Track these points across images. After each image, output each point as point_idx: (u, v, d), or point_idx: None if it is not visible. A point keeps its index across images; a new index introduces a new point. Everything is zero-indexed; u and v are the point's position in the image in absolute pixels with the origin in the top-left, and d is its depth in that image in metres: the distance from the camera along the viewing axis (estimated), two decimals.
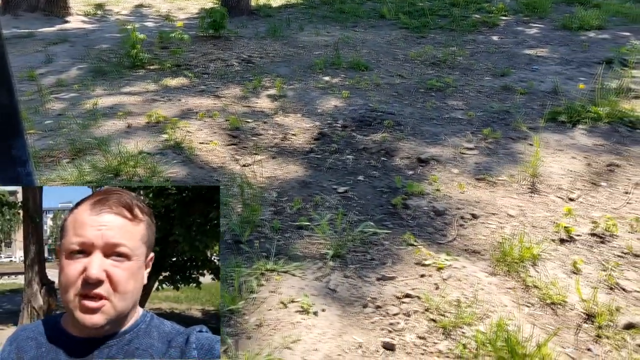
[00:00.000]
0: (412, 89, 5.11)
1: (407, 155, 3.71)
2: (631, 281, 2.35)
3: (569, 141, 3.95)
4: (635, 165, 3.54)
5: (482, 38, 7.11)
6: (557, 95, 4.88)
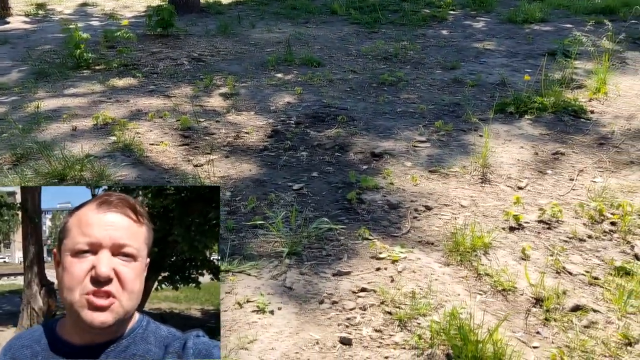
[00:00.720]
0: (364, 84, 5.14)
1: (361, 150, 3.72)
2: (577, 265, 2.43)
3: (517, 131, 4.06)
4: (579, 153, 3.68)
5: (432, 32, 7.22)
6: (504, 87, 5.01)
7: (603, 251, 2.53)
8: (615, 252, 2.52)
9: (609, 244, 2.59)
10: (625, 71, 5.30)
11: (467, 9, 8.40)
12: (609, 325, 2.04)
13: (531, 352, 1.92)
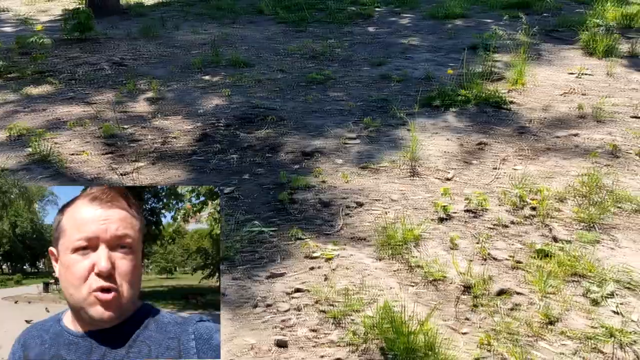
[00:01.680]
0: (293, 83, 5.13)
1: (292, 149, 3.71)
2: (501, 250, 2.53)
3: (443, 124, 4.18)
4: (502, 142, 3.83)
5: (359, 29, 7.31)
6: (430, 81, 5.13)
7: (525, 236, 2.64)
8: (535, 235, 2.64)
9: (530, 228, 2.71)
10: (541, 62, 5.57)
11: (392, 6, 8.56)
12: (531, 306, 2.13)
13: (461, 338, 1.97)
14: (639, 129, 3.80)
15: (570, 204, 2.90)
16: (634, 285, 2.21)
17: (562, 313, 2.07)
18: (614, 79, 4.88)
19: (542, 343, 1.93)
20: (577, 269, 2.32)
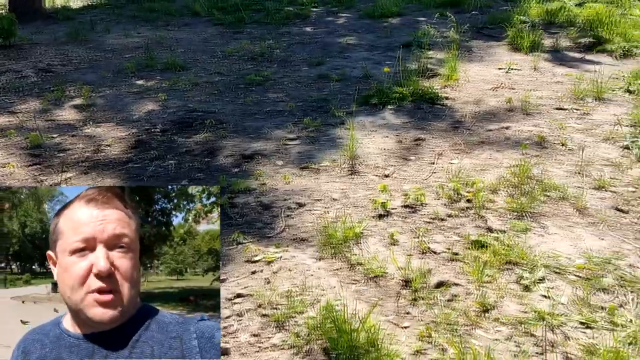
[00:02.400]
0: (232, 86, 5.07)
1: (232, 153, 3.67)
2: (439, 243, 2.59)
3: (381, 122, 4.24)
4: (438, 137, 3.93)
5: (297, 30, 7.32)
6: (368, 79, 5.20)
7: (461, 228, 2.72)
8: (471, 227, 2.72)
9: (466, 220, 2.79)
10: (472, 58, 5.77)
11: (329, 6, 8.63)
12: (468, 296, 2.19)
13: (402, 332, 2.00)
14: (563, 120, 3.99)
15: (503, 195, 3.01)
16: (562, 270, 2.32)
17: (497, 300, 2.14)
18: (539, 73, 5.11)
19: (479, 331, 1.99)
20: (511, 258, 2.41)
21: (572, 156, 3.42)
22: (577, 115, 4.09)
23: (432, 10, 7.71)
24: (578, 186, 3.04)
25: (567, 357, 1.84)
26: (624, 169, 3.21)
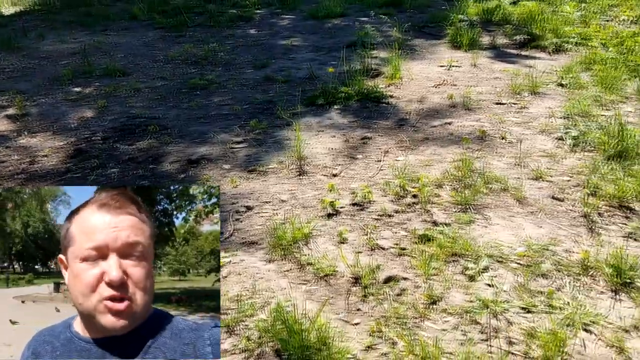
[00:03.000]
0: (175, 90, 4.98)
1: (177, 158, 3.60)
2: (387, 239, 2.63)
3: (327, 122, 4.27)
4: (384, 135, 3.98)
5: (241, 32, 7.26)
6: (313, 80, 5.22)
7: (408, 223, 2.77)
8: (418, 222, 2.78)
9: (413, 215, 2.85)
10: (415, 57, 5.88)
11: (273, 8, 8.60)
12: (417, 289, 2.24)
13: (353, 329, 2.02)
14: (502, 115, 4.14)
15: (447, 189, 3.09)
16: (504, 258, 2.41)
17: (444, 292, 2.20)
18: (478, 70, 5.27)
19: (427, 323, 2.03)
20: (456, 249, 2.47)
21: (511, 149, 3.54)
22: (515, 109, 4.24)
23: (374, 10, 7.81)
24: (517, 177, 3.16)
25: (510, 341, 1.91)
26: (558, 159, 3.35)
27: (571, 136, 3.58)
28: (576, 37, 5.61)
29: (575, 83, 4.49)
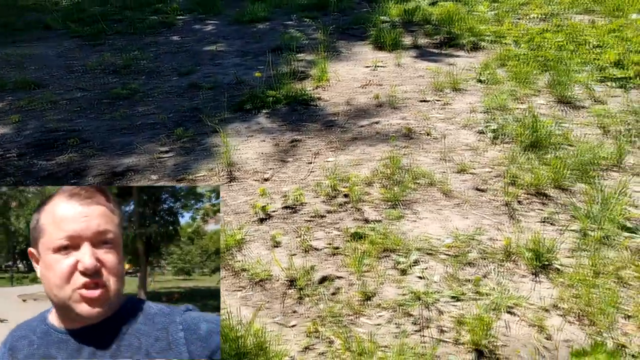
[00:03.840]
0: (95, 101, 4.79)
1: (100, 171, 3.46)
2: (321, 240, 2.65)
3: (256, 126, 4.25)
4: (313, 137, 4.01)
5: (163, 39, 7.09)
6: (241, 85, 5.18)
7: (340, 222, 2.80)
8: (349, 220, 2.82)
9: (345, 214, 2.88)
10: (341, 59, 5.97)
11: (195, 13, 8.47)
12: (351, 287, 2.27)
13: (290, 331, 2.02)
14: (427, 112, 4.27)
15: (377, 187, 3.15)
16: (434, 250, 2.49)
17: (377, 287, 2.24)
18: (403, 69, 5.42)
19: (362, 319, 2.07)
20: (387, 245, 2.53)
21: (436, 144, 3.67)
22: (438, 106, 4.39)
23: (298, 14, 7.87)
24: (443, 171, 3.27)
25: (441, 330, 1.98)
26: (480, 152, 3.50)
27: (491, 129, 3.75)
28: (491, 35, 5.89)
29: (493, 79, 4.71)
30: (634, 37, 5.11)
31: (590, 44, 5.18)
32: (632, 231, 2.47)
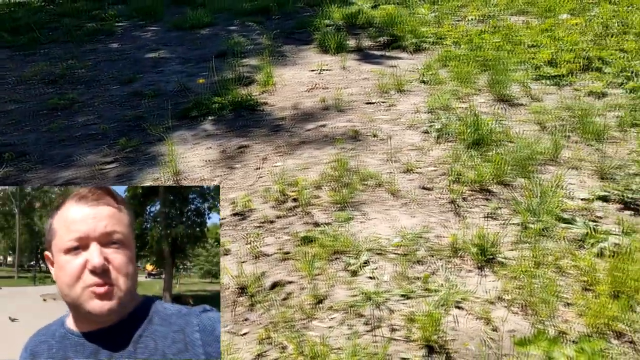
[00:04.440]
0: (32, 113, 4.59)
1: (39, 185, 3.31)
2: (271, 245, 2.64)
3: (202, 134, 4.18)
4: (261, 143, 3.99)
5: (102, 47, 6.88)
6: (185, 92, 5.09)
7: (290, 227, 2.80)
8: (299, 225, 2.81)
9: (294, 219, 2.88)
10: (286, 63, 5.97)
11: (135, 20, 8.26)
12: (302, 291, 2.26)
13: (242, 339, 2.00)
14: (372, 114, 4.33)
15: (325, 190, 3.16)
16: (383, 250, 2.52)
17: (328, 290, 2.25)
18: (348, 72, 5.48)
19: (314, 322, 2.07)
20: (337, 247, 2.54)
21: (383, 145, 3.72)
22: (384, 107, 4.46)
23: (242, 19, 7.81)
24: (390, 172, 3.32)
25: (392, 329, 2.00)
26: (426, 151, 3.58)
27: (435, 129, 3.84)
28: (432, 37, 6.03)
29: (435, 79, 4.82)
30: (565, 37, 5.36)
31: (525, 44, 5.40)
32: (569, 222, 2.59)
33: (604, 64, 4.70)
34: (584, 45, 5.06)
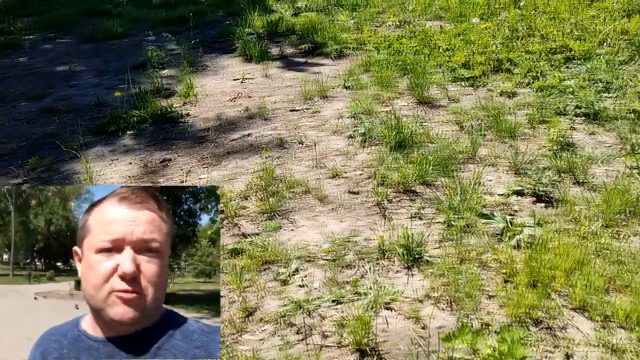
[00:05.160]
0: None
1: None
2: None
3: (122, 149, 4.02)
4: (184, 155, 3.88)
5: (9, 62, 6.47)
6: (102, 106, 4.88)
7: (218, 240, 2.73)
8: (227, 237, 2.75)
9: (222, 231, 2.81)
10: (207, 73, 5.87)
11: (45, 32, 7.83)
12: (232, 304, 2.21)
13: None
14: (297, 121, 4.33)
15: (253, 200, 3.12)
16: (312, 257, 2.51)
17: (259, 302, 2.21)
18: (271, 80, 5.46)
19: (246, 336, 2.02)
20: (267, 257, 2.51)
21: (309, 152, 3.72)
22: (308, 114, 4.47)
23: (160, 29, 7.60)
24: (317, 178, 3.32)
25: (324, 335, 1.99)
26: (351, 156, 3.62)
27: (359, 133, 3.89)
28: (353, 43, 6.14)
29: (358, 84, 4.90)
30: (477, 40, 5.62)
31: (441, 48, 5.60)
32: (488, 217, 2.69)
33: (513, 65, 4.96)
34: (494, 48, 5.32)
